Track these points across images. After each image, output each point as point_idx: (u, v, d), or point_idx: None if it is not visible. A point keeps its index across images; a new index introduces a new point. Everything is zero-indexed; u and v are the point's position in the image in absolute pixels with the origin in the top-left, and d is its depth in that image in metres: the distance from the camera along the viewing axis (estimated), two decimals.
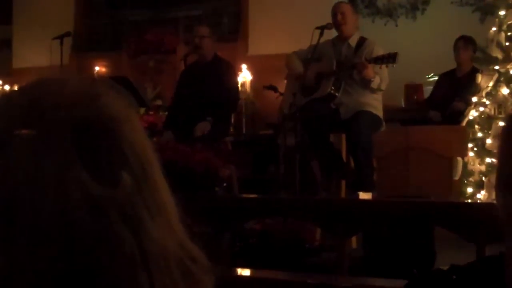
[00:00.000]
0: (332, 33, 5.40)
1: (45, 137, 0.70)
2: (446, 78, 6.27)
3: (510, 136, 0.67)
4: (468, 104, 5.62)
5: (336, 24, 5.26)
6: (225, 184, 4.45)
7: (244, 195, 4.38)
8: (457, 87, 6.02)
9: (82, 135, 0.71)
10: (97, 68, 8.19)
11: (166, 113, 6.55)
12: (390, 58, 4.87)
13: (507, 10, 4.73)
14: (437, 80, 6.31)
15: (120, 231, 0.69)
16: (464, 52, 6.13)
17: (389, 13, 7.82)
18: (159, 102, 7.40)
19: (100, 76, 7.29)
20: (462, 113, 5.60)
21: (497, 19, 4.80)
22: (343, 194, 5.10)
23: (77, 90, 0.76)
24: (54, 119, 0.72)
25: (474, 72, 6.03)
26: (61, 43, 6.57)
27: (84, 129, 0.72)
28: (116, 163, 0.72)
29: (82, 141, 0.71)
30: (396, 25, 7.77)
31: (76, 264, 0.68)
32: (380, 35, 7.13)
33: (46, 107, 0.73)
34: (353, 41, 5.29)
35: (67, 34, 6.73)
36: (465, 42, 6.16)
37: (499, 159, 0.69)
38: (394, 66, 4.93)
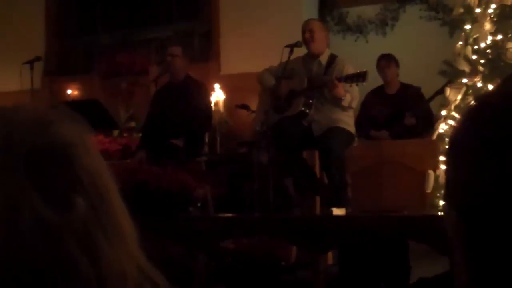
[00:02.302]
0: (303, 50, 5.43)
1: None
2: (375, 96, 6.25)
3: (451, 150, 0.68)
4: (418, 119, 5.74)
5: (305, 41, 5.29)
6: (199, 204, 4.43)
7: (218, 215, 4.37)
8: (393, 104, 6.06)
9: (34, 162, 0.72)
10: (69, 92, 8.15)
11: (140, 134, 6.54)
12: (360, 77, 4.91)
13: (472, 24, 4.80)
14: (365, 98, 6.29)
15: (74, 255, 0.70)
16: (389, 70, 6.19)
17: (359, 30, 7.88)
18: (132, 124, 7.37)
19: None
20: (412, 129, 5.70)
21: (463, 33, 4.88)
22: (317, 211, 5.10)
23: (29, 117, 0.76)
24: (6, 147, 0.72)
25: (404, 87, 6.15)
26: (31, 68, 6.54)
27: (36, 156, 0.72)
28: (70, 188, 0.72)
29: (35, 168, 0.71)
30: (367, 41, 7.83)
31: None
32: (351, 51, 7.19)
33: None
34: (323, 59, 5.32)
35: (37, 58, 6.70)
36: (387, 60, 6.23)
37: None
38: (364, 84, 4.98)
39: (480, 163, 0.64)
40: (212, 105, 6.78)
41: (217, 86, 7.46)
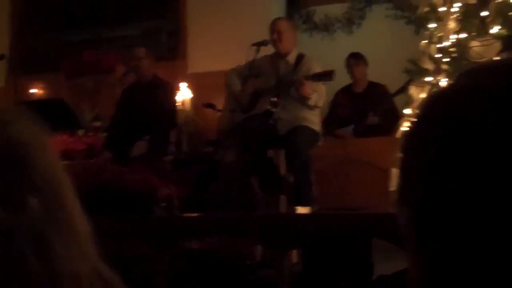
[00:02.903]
0: (271, 48, 5.44)
1: None
2: (344, 95, 6.36)
3: (404, 149, 0.69)
4: (382, 117, 5.83)
5: (273, 42, 5.31)
6: (164, 204, 4.41)
7: (182, 215, 4.36)
8: (359, 102, 6.14)
9: None
10: (34, 91, 8.06)
11: (105, 134, 6.51)
12: (327, 76, 4.95)
13: (436, 23, 4.84)
14: (334, 97, 6.38)
15: (26, 254, 0.70)
16: (357, 68, 6.30)
17: (326, 28, 7.92)
18: (98, 124, 7.32)
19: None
20: (376, 127, 5.77)
21: (427, 32, 4.91)
22: (282, 209, 5.11)
23: None
24: None
25: (372, 86, 6.24)
26: None
27: None
28: (23, 188, 0.73)
29: None
30: (334, 40, 7.87)
31: None
32: (318, 49, 7.22)
33: None
34: (291, 58, 5.34)
35: (1, 57, 6.62)
36: (355, 59, 6.33)
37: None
38: (331, 82, 5.02)
39: (430, 159, 0.64)
40: (179, 103, 6.76)
41: (184, 84, 7.44)
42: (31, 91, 8.06)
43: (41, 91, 8.13)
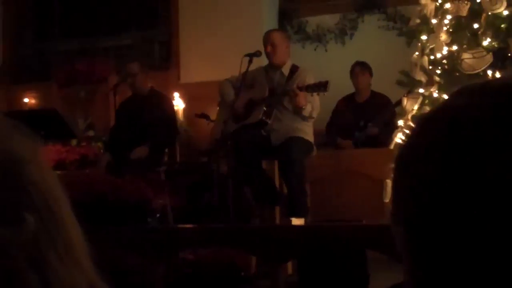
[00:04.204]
0: (263, 59, 5.44)
1: None
2: (346, 103, 6.36)
3: (397, 169, 0.69)
4: (380, 128, 5.83)
5: (267, 54, 5.30)
6: (158, 215, 4.40)
7: (176, 225, 4.36)
8: (361, 112, 6.15)
9: None
10: (26, 100, 8.04)
11: (99, 144, 6.53)
12: (321, 87, 4.91)
13: (428, 35, 4.86)
14: (336, 106, 6.40)
15: (24, 271, 0.69)
16: (362, 78, 6.31)
17: (319, 39, 7.93)
18: (91, 133, 7.30)
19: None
20: (376, 138, 5.77)
21: (419, 44, 4.94)
22: (277, 221, 5.11)
23: None
24: None
25: (374, 96, 6.24)
26: None
27: None
28: (19, 205, 0.71)
29: None
30: (326, 50, 7.89)
31: None
32: (310, 60, 7.24)
33: None
34: (285, 69, 5.33)
35: None
36: (361, 67, 6.34)
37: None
38: (325, 94, 5.00)
39: (424, 179, 0.64)
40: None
41: (176, 94, 7.44)
42: (24, 100, 8.03)
43: (33, 101, 8.10)
